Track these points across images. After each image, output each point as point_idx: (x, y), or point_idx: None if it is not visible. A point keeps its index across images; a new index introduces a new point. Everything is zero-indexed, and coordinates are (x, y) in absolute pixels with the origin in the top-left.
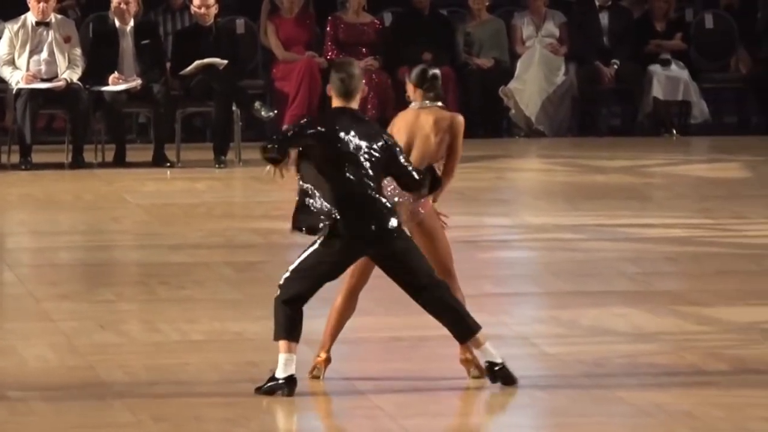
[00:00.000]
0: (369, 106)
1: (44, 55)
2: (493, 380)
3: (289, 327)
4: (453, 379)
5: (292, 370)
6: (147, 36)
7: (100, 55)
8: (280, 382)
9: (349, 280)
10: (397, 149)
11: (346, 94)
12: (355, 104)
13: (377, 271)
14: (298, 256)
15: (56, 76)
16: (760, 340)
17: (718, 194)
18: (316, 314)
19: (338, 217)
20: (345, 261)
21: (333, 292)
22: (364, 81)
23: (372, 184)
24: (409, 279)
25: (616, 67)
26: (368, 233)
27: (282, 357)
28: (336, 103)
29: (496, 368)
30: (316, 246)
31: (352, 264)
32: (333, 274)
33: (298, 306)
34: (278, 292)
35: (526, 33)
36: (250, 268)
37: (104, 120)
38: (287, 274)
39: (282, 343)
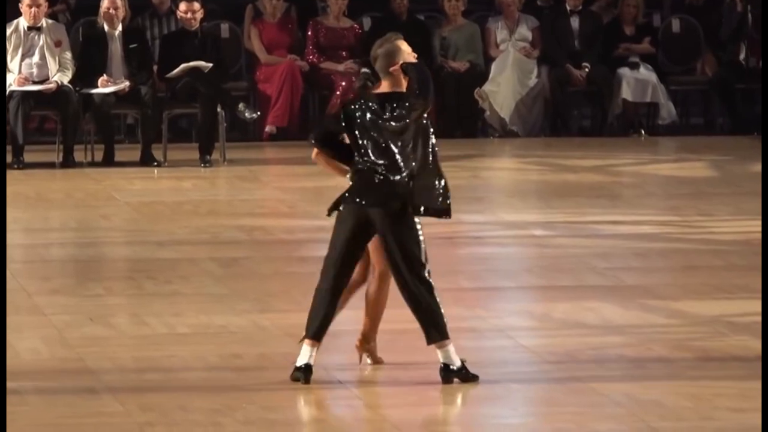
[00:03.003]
0: None
1: (36, 58)
2: (446, 381)
3: (314, 326)
4: (432, 371)
5: (306, 360)
6: (135, 40)
7: (89, 59)
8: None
9: (377, 266)
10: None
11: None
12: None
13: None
14: None
15: (47, 79)
16: (725, 333)
17: (685, 192)
18: (303, 308)
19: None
20: (354, 224)
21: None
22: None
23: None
24: (400, 265)
25: (587, 70)
26: (371, 198)
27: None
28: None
29: (453, 370)
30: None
31: (362, 228)
32: (351, 242)
33: (338, 289)
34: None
35: (499, 37)
36: (234, 263)
37: (94, 121)
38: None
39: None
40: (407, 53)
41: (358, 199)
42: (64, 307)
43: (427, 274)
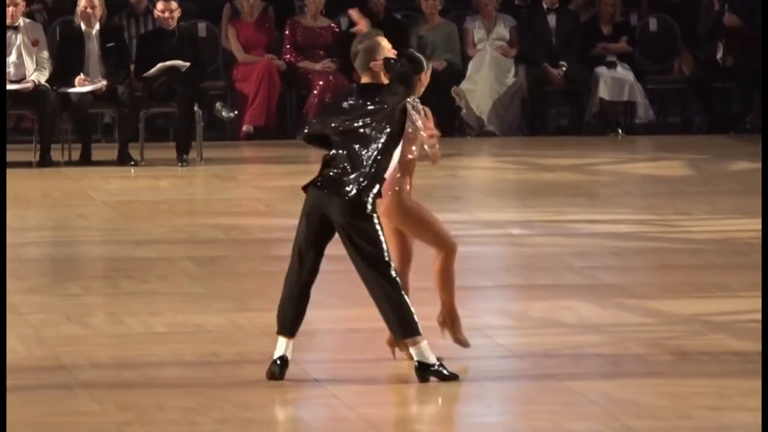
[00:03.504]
0: None
1: (13, 57)
2: (422, 380)
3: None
4: (408, 370)
5: (282, 352)
6: (112, 39)
7: (66, 58)
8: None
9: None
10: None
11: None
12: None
13: (330, 266)
14: None
15: (24, 78)
16: (702, 332)
17: (662, 191)
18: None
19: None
20: (309, 212)
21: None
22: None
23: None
24: (360, 265)
25: (564, 68)
26: (326, 185)
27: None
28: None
29: (428, 367)
30: None
31: (316, 219)
32: (304, 229)
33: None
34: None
35: (477, 36)
36: (211, 262)
37: (71, 120)
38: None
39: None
40: (387, 49)
41: (318, 189)
42: (41, 306)
43: (393, 273)
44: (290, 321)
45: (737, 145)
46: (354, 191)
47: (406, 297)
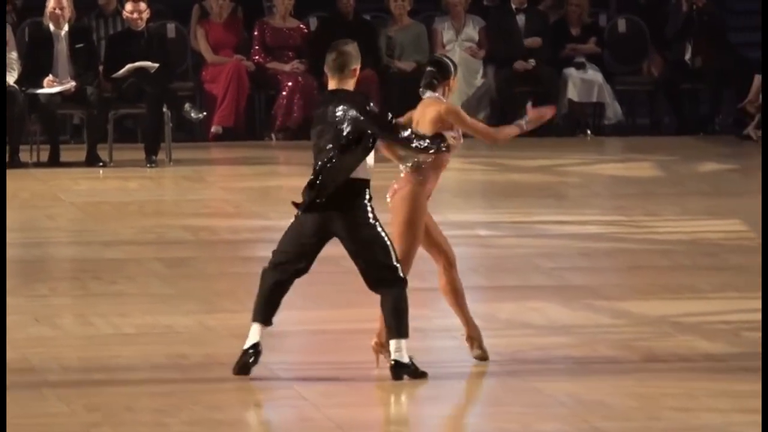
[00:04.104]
0: (294, 108)
1: None
2: (396, 377)
3: (262, 309)
4: (374, 371)
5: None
6: (81, 40)
7: (35, 59)
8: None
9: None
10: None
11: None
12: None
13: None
14: None
15: None
16: (671, 333)
17: (631, 192)
18: (249, 308)
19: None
20: (305, 224)
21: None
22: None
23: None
24: (363, 267)
25: (533, 63)
26: (322, 196)
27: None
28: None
29: (403, 366)
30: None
31: (314, 228)
32: (299, 238)
33: (286, 279)
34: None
35: (446, 37)
36: (180, 263)
37: (39, 121)
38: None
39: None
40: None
41: (312, 199)
42: (10, 307)
43: (400, 274)
44: (270, 309)
45: (706, 146)
46: (347, 202)
47: (407, 298)
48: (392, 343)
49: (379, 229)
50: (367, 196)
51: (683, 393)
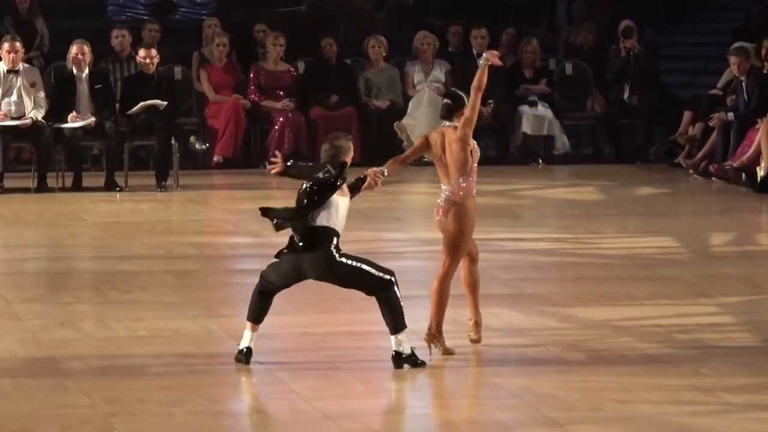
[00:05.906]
0: (285, 141)
1: (14, 97)
2: (397, 366)
3: (253, 312)
4: (356, 368)
5: (247, 343)
6: (99, 81)
7: (60, 98)
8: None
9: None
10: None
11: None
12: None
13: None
14: None
15: (24, 116)
16: (612, 335)
17: (577, 213)
18: (245, 313)
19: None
20: (287, 267)
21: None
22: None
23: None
24: (352, 288)
25: (491, 105)
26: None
27: (246, 333)
28: None
29: (403, 357)
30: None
31: (293, 273)
32: (282, 279)
33: (269, 295)
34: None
35: (416, 78)
36: (186, 275)
37: (64, 152)
38: (265, 269)
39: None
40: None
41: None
42: (38, 313)
43: (385, 278)
44: (259, 314)
45: (641, 173)
46: (318, 247)
47: (399, 296)
48: (392, 338)
49: (348, 261)
50: (335, 242)
51: (622, 387)
